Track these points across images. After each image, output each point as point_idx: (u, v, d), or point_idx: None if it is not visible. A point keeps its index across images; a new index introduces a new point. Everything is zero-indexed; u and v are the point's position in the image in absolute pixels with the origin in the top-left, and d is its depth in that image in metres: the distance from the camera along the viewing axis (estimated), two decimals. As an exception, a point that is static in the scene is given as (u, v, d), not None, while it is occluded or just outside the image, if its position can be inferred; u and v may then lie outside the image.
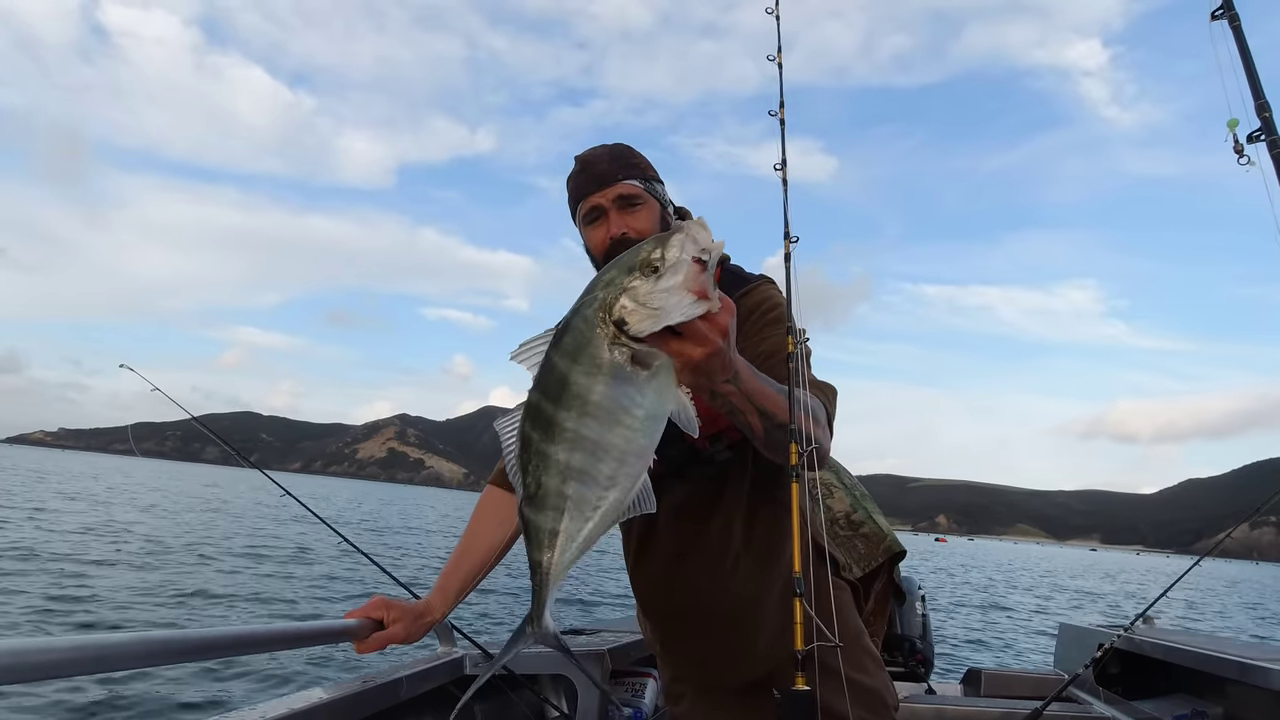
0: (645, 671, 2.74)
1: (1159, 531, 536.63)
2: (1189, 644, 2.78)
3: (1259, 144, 1.74)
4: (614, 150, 1.49)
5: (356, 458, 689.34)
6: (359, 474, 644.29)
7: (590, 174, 1.46)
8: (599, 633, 2.79)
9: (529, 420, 0.85)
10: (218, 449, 2.26)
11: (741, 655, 1.42)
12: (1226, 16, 1.92)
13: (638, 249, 0.81)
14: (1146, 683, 3.02)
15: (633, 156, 1.49)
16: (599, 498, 0.86)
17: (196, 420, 2.14)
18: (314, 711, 1.51)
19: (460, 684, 2.08)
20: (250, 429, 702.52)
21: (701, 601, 1.42)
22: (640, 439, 0.84)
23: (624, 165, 1.45)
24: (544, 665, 2.30)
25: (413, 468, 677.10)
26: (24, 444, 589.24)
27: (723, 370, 0.87)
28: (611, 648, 2.42)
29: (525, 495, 0.87)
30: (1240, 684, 2.47)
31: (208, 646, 1.05)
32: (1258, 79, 1.83)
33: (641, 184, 1.46)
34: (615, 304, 0.79)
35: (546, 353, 0.83)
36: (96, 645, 0.89)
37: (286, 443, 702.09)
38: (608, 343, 0.80)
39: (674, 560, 1.43)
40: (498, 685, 2.14)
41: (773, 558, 1.41)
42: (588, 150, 1.51)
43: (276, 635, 1.25)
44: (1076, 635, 3.55)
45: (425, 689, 1.93)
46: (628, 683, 2.69)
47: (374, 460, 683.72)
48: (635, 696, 2.67)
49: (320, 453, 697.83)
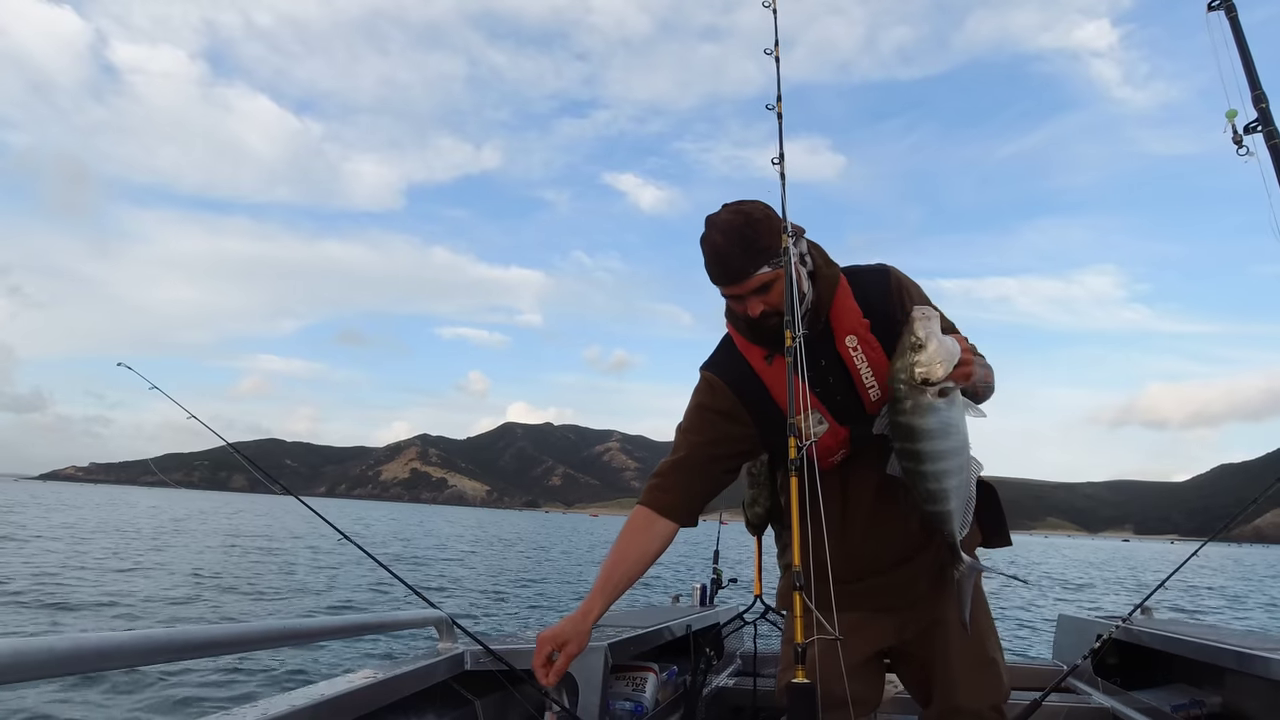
0: (646, 666, 2.77)
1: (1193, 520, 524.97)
2: (1187, 634, 2.76)
3: (1256, 134, 1.76)
4: (744, 239, 1.52)
5: (380, 479, 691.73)
6: (383, 495, 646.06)
7: (726, 270, 1.54)
8: (599, 627, 2.81)
9: (903, 460, 1.49)
10: (245, 477, 2.33)
11: (906, 581, 1.74)
12: (1223, 7, 1.93)
13: (905, 340, 1.43)
14: (1145, 673, 3.00)
15: (760, 239, 1.52)
16: (960, 477, 1.48)
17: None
18: (316, 708, 1.50)
19: (462, 680, 2.12)
20: (275, 455, 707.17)
21: (892, 536, 1.71)
22: (961, 435, 1.46)
23: (753, 255, 1.52)
24: None
25: (436, 487, 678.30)
26: (57, 479, 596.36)
27: (978, 369, 1.50)
28: (612, 642, 2.41)
29: (923, 501, 1.50)
30: (1239, 673, 2.43)
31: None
32: (1254, 70, 1.83)
33: (771, 267, 1.53)
34: (915, 373, 1.40)
35: (890, 418, 1.47)
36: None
37: (311, 468, 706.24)
38: (923, 395, 1.41)
39: (872, 506, 1.71)
40: (498, 680, 2.17)
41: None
42: (721, 234, 1.53)
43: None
44: (1075, 626, 3.53)
45: (427, 685, 1.96)
46: (629, 677, 2.74)
47: (398, 481, 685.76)
48: (636, 691, 2.72)
49: (344, 476, 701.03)
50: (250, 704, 1.45)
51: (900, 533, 1.69)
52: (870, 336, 1.61)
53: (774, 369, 1.63)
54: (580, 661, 2.28)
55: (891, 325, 1.59)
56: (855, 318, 1.62)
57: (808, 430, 1.56)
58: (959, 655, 1.72)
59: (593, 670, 2.29)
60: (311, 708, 1.50)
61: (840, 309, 1.63)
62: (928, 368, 1.37)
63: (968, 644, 1.72)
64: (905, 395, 1.42)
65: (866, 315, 1.63)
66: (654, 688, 2.72)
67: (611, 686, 2.50)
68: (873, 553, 1.72)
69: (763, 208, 1.59)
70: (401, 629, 2.15)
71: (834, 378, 1.63)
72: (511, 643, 2.38)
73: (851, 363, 1.61)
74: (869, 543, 1.72)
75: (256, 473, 2.21)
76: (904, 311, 1.58)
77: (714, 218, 1.58)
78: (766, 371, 1.65)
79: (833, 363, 1.62)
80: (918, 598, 1.74)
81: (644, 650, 2.78)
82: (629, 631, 2.68)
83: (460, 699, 2.15)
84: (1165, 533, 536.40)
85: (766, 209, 1.59)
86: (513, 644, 2.34)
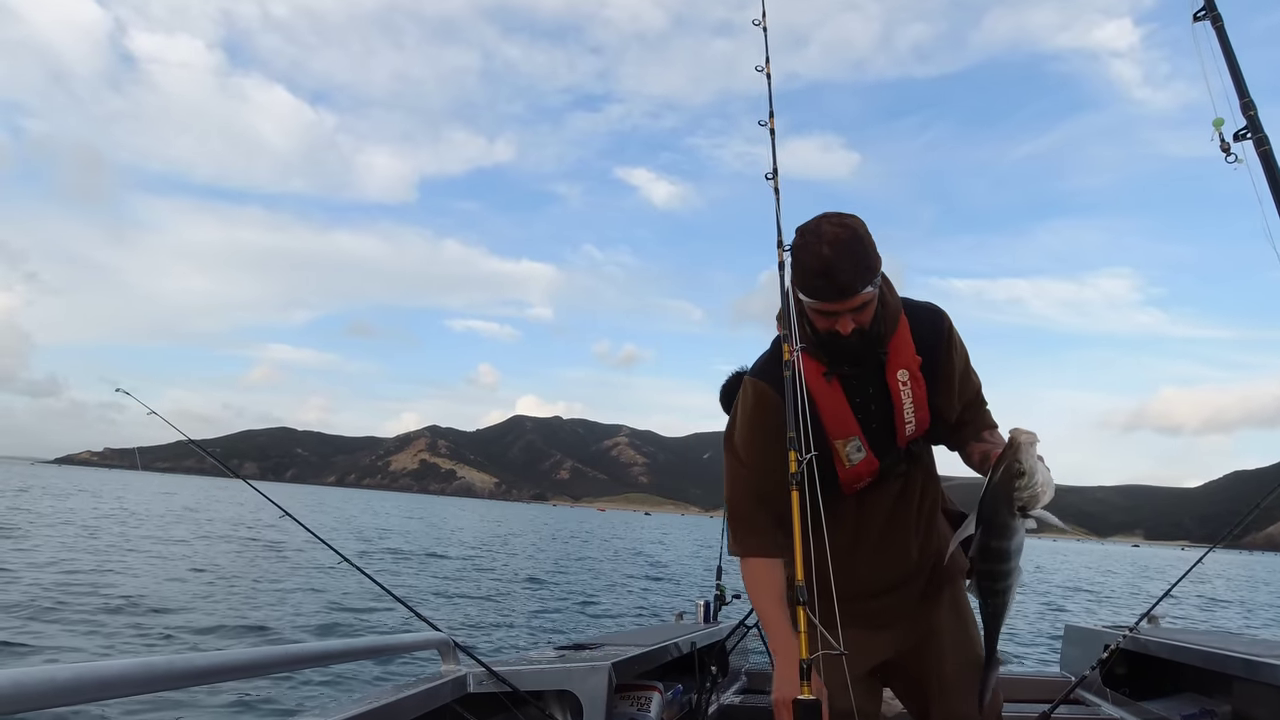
0: (650, 685, 2.77)
1: (1204, 526, 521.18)
2: (1195, 643, 2.76)
3: (1245, 142, 1.78)
4: (854, 254, 1.49)
5: (389, 470, 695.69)
6: (392, 486, 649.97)
7: (834, 284, 1.49)
8: (602, 646, 2.79)
9: (983, 580, 1.54)
10: (256, 465, 2.42)
11: (903, 600, 1.80)
12: (1209, 17, 1.95)
13: (1006, 465, 1.43)
14: (1154, 683, 3.00)
15: (868, 258, 1.51)
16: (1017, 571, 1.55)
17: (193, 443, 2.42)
18: None
19: (464, 703, 2.12)
20: (286, 444, 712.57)
21: (896, 560, 1.78)
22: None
23: (863, 273, 1.50)
24: (548, 681, 2.30)
25: (445, 478, 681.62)
26: (72, 464, 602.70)
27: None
28: (616, 661, 2.41)
29: (986, 612, 1.60)
30: (1248, 682, 2.45)
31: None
32: (1242, 77, 1.86)
33: (873, 288, 1.53)
34: (1016, 500, 1.42)
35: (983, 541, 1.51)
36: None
37: (321, 457, 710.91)
38: (1015, 520, 1.46)
39: (882, 531, 1.76)
40: (501, 702, 2.17)
41: (932, 526, 1.82)
42: (829, 246, 1.49)
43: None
44: (1082, 636, 3.53)
45: (430, 708, 1.96)
46: (633, 696, 2.73)
47: (406, 472, 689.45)
48: (641, 711, 2.71)
49: (354, 466, 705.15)
50: None
51: (903, 558, 1.78)
52: (919, 374, 1.64)
53: (830, 387, 1.63)
54: (583, 681, 2.28)
55: (937, 369, 1.66)
56: (910, 353, 1.64)
57: (845, 456, 1.63)
58: (953, 664, 1.78)
59: (596, 690, 2.27)
60: None
61: (899, 342, 1.64)
62: (1031, 495, 1.41)
63: (960, 652, 1.79)
64: (1004, 521, 1.46)
65: (920, 352, 1.65)
66: (658, 707, 2.72)
67: (615, 706, 2.49)
68: (876, 576, 1.77)
69: (862, 222, 1.55)
70: (403, 652, 2.15)
71: (876, 407, 1.65)
72: (515, 664, 2.37)
73: (898, 396, 1.64)
74: (873, 567, 1.76)
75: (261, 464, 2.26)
76: (948, 360, 1.67)
77: (815, 229, 1.53)
78: (821, 389, 1.63)
79: (879, 393, 1.64)
80: (912, 612, 1.80)
81: (648, 669, 2.78)
82: (633, 650, 2.67)
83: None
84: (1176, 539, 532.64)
85: (865, 225, 1.56)
86: (516, 665, 2.33)
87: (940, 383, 1.67)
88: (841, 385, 1.62)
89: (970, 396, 1.76)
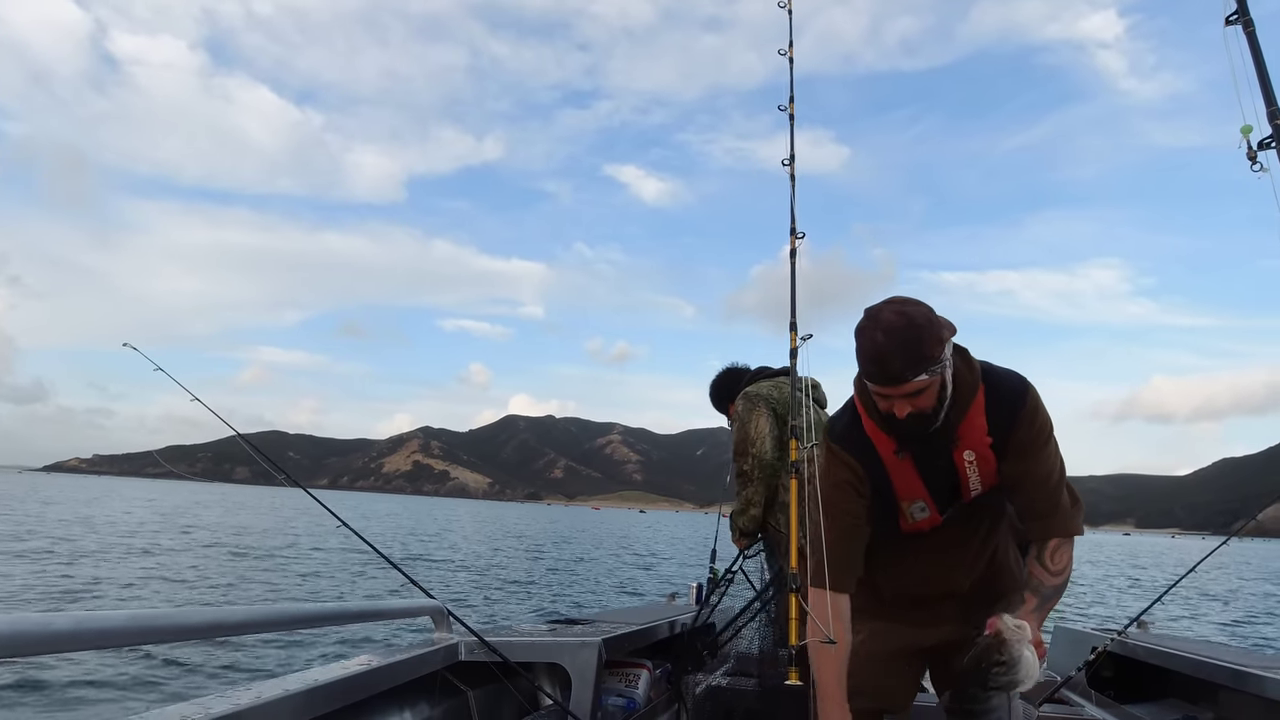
0: (639, 662, 2.80)
1: (1194, 514, 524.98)
2: (1183, 649, 2.76)
3: (1270, 150, 1.76)
4: (907, 344, 1.49)
5: (382, 471, 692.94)
6: (385, 488, 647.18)
7: (885, 372, 1.51)
8: (593, 623, 2.82)
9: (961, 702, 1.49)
10: (248, 468, 2.37)
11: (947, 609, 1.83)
12: (1241, 21, 1.92)
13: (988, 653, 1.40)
14: (1139, 687, 3.00)
15: (923, 346, 1.48)
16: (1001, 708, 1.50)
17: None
18: (309, 694, 1.52)
19: (455, 670, 2.15)
20: (278, 447, 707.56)
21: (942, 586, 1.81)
22: None
23: (912, 362, 1.48)
24: (538, 654, 2.33)
25: (438, 479, 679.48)
26: (60, 471, 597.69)
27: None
28: (606, 638, 2.43)
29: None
30: (1233, 691, 2.43)
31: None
32: (1270, 86, 1.82)
33: (928, 375, 1.50)
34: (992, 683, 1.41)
35: (956, 705, 1.49)
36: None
37: (313, 460, 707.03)
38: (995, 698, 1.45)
39: (930, 563, 1.79)
40: (491, 672, 2.20)
41: (988, 559, 1.82)
42: (883, 334, 1.50)
43: None
44: (1070, 638, 3.55)
45: (421, 674, 1.98)
46: (622, 673, 2.76)
47: (400, 473, 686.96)
48: (629, 687, 2.75)
49: (347, 468, 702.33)
50: (244, 687, 1.47)
51: (946, 579, 1.81)
52: (988, 453, 1.65)
53: (902, 462, 1.67)
54: (574, 656, 2.32)
55: (1010, 443, 1.63)
56: (980, 435, 1.63)
57: (909, 514, 1.70)
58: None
59: (586, 664, 2.31)
60: (305, 693, 1.52)
61: (970, 425, 1.62)
62: (1009, 681, 1.45)
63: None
64: (975, 694, 1.49)
65: (991, 432, 1.64)
66: (647, 684, 2.76)
67: (604, 682, 2.53)
68: (917, 588, 1.83)
69: (925, 311, 1.54)
70: (397, 617, 2.18)
71: (943, 475, 1.68)
72: (506, 635, 2.41)
73: (964, 472, 1.66)
74: (916, 579, 1.82)
75: (264, 462, 2.27)
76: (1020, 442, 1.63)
77: (876, 312, 1.54)
78: (894, 463, 1.68)
79: (945, 465, 1.66)
80: (956, 618, 1.83)
81: (638, 647, 2.81)
82: (624, 628, 2.70)
83: (453, 689, 2.18)
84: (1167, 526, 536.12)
85: (929, 313, 1.54)
86: (507, 636, 2.37)
87: (1010, 458, 1.65)
88: (912, 456, 1.66)
89: (1040, 477, 1.66)
